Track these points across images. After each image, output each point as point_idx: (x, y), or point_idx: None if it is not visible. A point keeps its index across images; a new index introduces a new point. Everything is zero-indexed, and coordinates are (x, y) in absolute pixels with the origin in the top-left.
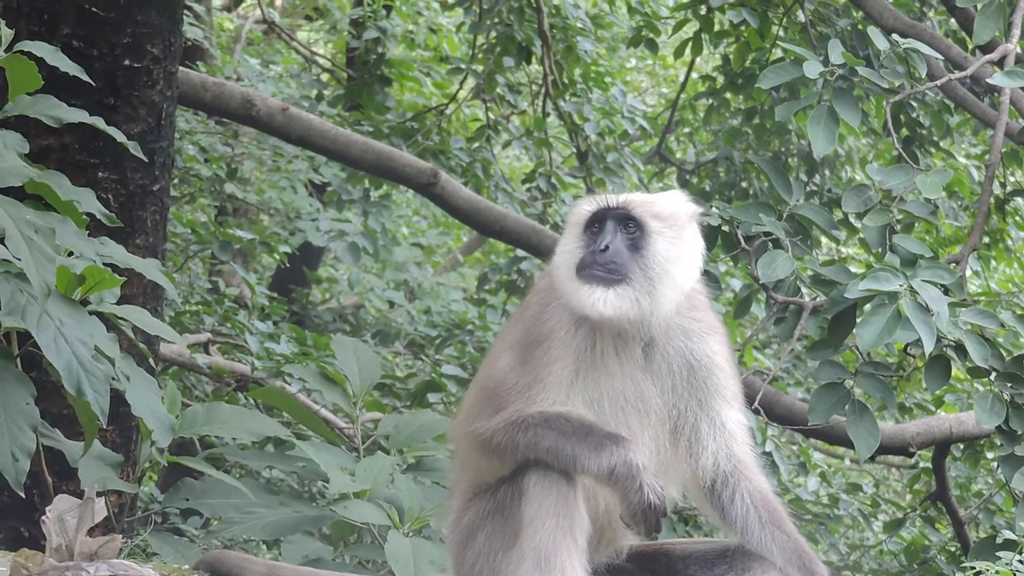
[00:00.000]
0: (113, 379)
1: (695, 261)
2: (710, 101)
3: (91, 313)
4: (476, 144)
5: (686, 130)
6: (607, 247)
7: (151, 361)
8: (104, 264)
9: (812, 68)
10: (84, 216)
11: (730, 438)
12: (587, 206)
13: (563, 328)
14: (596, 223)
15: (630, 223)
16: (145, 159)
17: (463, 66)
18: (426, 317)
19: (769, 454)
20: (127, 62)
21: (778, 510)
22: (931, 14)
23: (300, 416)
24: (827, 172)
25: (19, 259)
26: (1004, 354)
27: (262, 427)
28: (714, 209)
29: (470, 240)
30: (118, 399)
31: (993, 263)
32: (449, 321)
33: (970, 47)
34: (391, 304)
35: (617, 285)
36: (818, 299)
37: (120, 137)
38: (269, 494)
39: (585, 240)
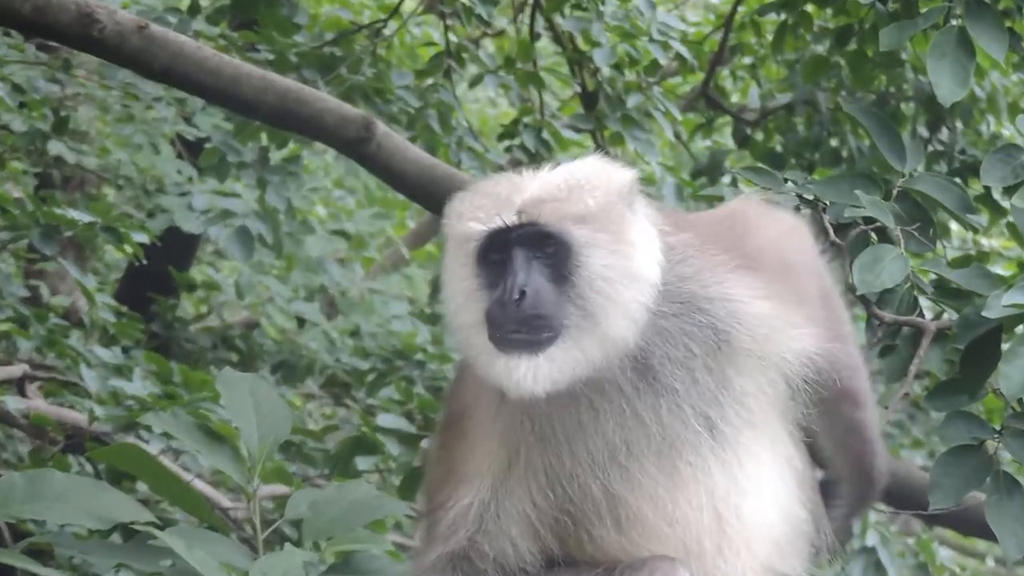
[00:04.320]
0: None
1: (650, 253)
2: (782, 17)
3: None
4: (430, 81)
5: (746, 60)
6: (523, 293)
7: None
8: None
9: None
10: None
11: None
12: (474, 222)
13: (484, 400)
14: (495, 249)
15: (546, 241)
16: None
17: None
18: (353, 341)
19: (872, 550)
20: None
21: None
22: None
23: (165, 489)
24: (959, 125)
25: None
26: None
27: (112, 507)
28: (788, 183)
29: (420, 224)
30: None
31: None
32: (388, 347)
33: None
34: (300, 322)
35: (547, 346)
36: (945, 318)
37: None
38: None
39: (483, 277)
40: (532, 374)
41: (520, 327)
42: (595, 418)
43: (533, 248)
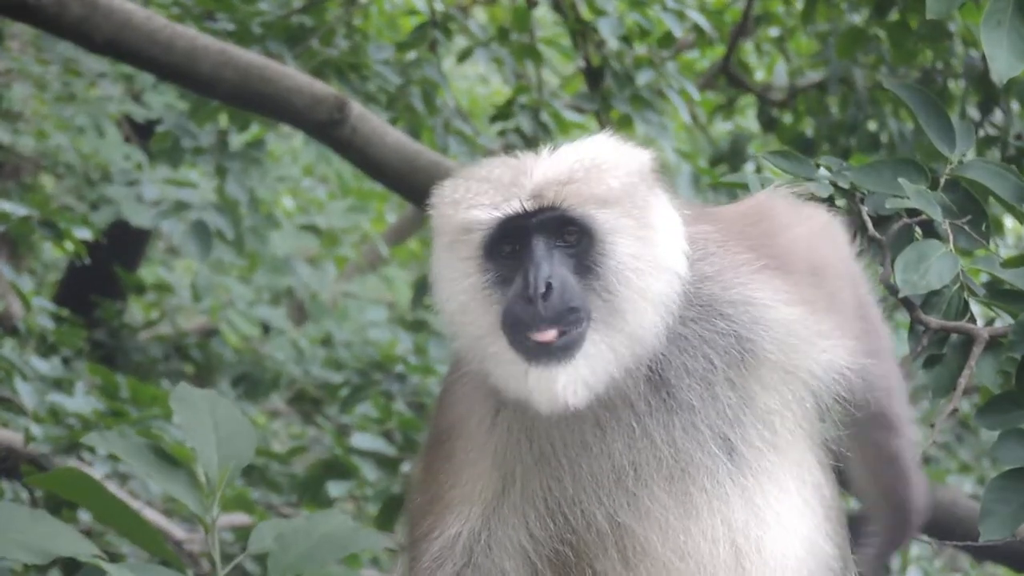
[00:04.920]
0: None
1: (675, 241)
2: None
3: None
4: (412, 55)
5: (772, 32)
6: (549, 286)
7: None
8: None
9: None
10: None
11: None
12: (481, 209)
13: (475, 415)
14: (507, 239)
15: (568, 228)
16: None
17: None
18: (325, 351)
19: None
20: None
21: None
22: None
23: (112, 518)
24: (1015, 106)
25: None
26: None
27: (51, 538)
28: (821, 170)
29: (401, 219)
30: None
31: None
32: (364, 358)
33: None
34: (264, 329)
35: (577, 349)
36: (999, 324)
37: None
38: None
39: (494, 272)
40: (573, 385)
41: (547, 326)
42: (601, 437)
43: (553, 236)
